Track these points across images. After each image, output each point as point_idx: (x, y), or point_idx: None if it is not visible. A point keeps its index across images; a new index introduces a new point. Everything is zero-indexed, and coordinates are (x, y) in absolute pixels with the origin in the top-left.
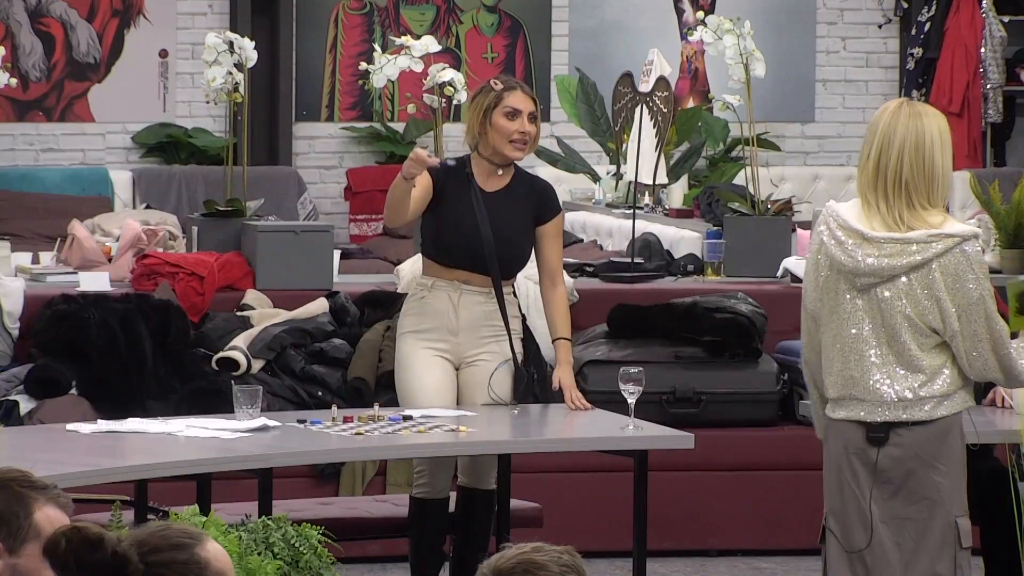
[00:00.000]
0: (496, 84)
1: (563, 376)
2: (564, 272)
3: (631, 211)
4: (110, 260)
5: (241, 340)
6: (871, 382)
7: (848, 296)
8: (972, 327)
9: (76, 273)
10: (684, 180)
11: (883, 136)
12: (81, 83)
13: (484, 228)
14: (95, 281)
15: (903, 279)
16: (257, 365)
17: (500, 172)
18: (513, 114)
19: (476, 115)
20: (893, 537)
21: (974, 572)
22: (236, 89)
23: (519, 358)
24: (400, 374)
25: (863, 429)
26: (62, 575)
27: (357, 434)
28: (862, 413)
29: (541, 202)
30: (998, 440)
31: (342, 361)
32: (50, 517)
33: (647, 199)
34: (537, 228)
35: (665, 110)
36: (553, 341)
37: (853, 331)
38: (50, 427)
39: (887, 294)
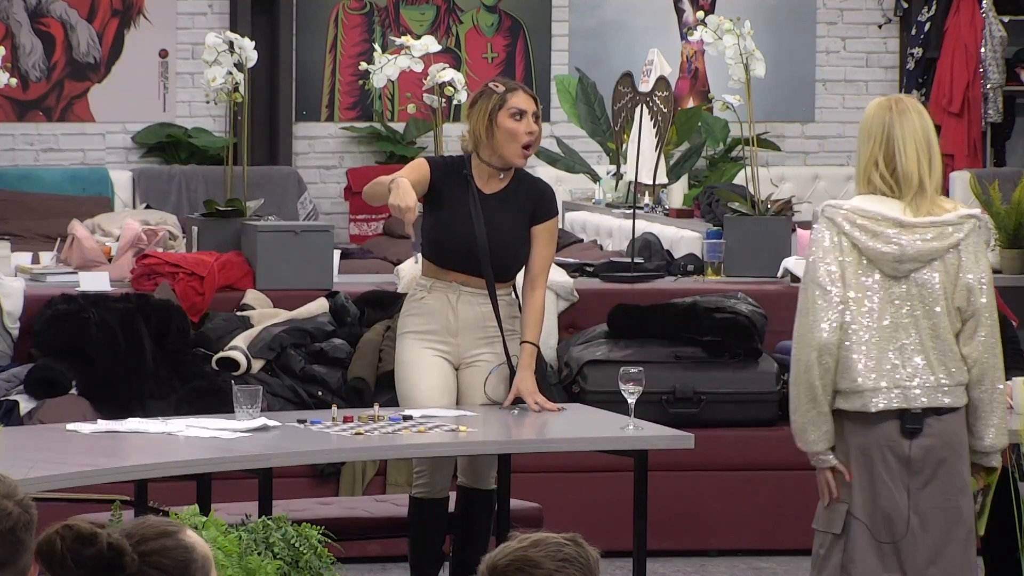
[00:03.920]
0: (497, 86)
1: (522, 382)
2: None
3: (631, 211)
4: (110, 260)
5: (241, 340)
6: (911, 368)
7: (882, 284)
8: (990, 300)
9: (76, 273)
10: (684, 180)
11: (891, 134)
12: (81, 83)
13: (480, 231)
14: (95, 281)
15: (937, 261)
16: (257, 365)
17: (501, 175)
18: (519, 114)
19: (481, 119)
20: (923, 527)
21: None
22: (236, 89)
23: (515, 360)
24: (400, 374)
25: (897, 420)
26: (58, 574)
27: (357, 434)
28: (899, 401)
29: (538, 203)
30: None
31: (342, 361)
32: None
33: (647, 199)
34: (530, 228)
35: (665, 110)
36: (521, 343)
37: (889, 319)
38: (50, 427)
39: (925, 277)
